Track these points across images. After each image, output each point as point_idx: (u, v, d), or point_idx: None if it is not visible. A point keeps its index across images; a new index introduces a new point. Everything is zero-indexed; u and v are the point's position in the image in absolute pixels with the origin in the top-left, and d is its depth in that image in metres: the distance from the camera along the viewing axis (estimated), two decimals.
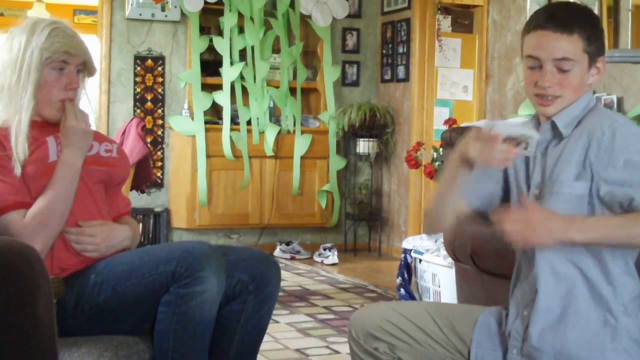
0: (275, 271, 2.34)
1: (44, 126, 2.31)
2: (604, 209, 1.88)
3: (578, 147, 1.89)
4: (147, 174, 3.85)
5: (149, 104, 6.63)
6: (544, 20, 1.92)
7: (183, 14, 6.60)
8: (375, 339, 2.03)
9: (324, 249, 6.59)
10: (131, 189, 3.76)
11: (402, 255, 4.71)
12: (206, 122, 6.57)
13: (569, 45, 1.90)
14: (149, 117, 6.59)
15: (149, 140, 6.47)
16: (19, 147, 2.22)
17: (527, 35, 1.95)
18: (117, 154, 2.44)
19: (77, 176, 2.25)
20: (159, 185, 6.68)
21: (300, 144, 6.81)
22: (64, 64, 2.29)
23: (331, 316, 4.53)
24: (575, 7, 1.97)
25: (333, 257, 6.48)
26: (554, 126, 1.95)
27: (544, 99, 1.94)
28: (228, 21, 6.61)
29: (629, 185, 1.83)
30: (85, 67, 2.35)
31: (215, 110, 6.72)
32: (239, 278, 2.25)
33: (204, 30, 6.69)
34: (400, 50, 6.93)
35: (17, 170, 2.20)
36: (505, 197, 2.06)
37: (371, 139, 6.90)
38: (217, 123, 6.64)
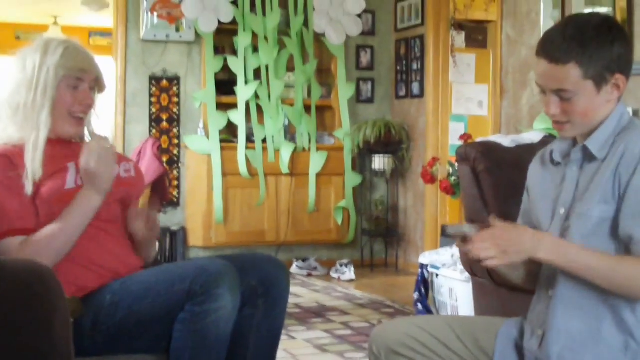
0: (283, 273, 2.34)
1: (59, 143, 2.32)
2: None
3: (611, 166, 1.83)
4: (163, 194, 3.86)
5: (164, 123, 6.66)
6: (541, 47, 1.86)
7: (197, 35, 6.63)
8: (397, 354, 2.02)
9: (341, 265, 6.58)
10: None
11: (419, 271, 4.70)
12: (221, 141, 6.58)
13: (564, 75, 1.82)
14: (164, 137, 6.62)
15: (165, 159, 6.50)
16: (35, 164, 2.22)
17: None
18: (134, 172, 2.47)
19: (91, 216, 2.21)
20: (175, 204, 6.70)
21: (316, 161, 6.82)
22: (79, 81, 2.31)
23: (348, 332, 4.52)
24: (576, 27, 1.84)
25: (350, 273, 6.47)
26: (585, 150, 1.89)
27: (556, 123, 1.91)
28: (242, 41, 6.64)
29: (633, 218, 1.79)
30: (97, 84, 2.37)
31: (230, 129, 6.74)
32: (247, 283, 2.25)
33: (218, 50, 6.72)
34: (415, 66, 6.94)
35: (29, 189, 2.20)
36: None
37: (387, 155, 6.90)
38: (232, 142, 6.66)
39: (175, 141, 6.68)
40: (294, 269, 6.67)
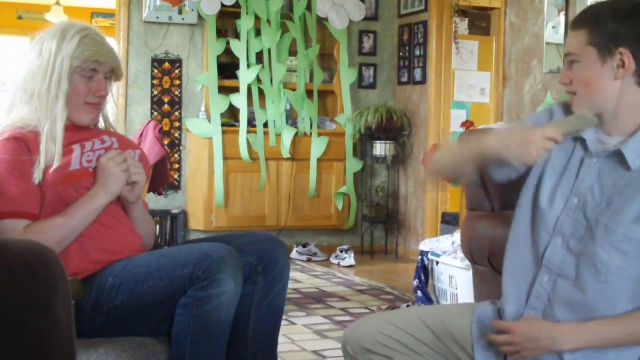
0: (282, 250, 2.34)
1: (72, 130, 2.31)
2: None
3: None
4: (164, 176, 3.85)
5: (166, 106, 6.65)
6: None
7: (200, 17, 6.61)
8: (372, 353, 2.00)
9: (341, 251, 6.59)
10: (148, 191, 3.76)
11: (419, 258, 4.70)
12: (223, 125, 6.58)
13: (574, 40, 1.87)
14: (166, 120, 6.61)
15: (166, 142, 6.50)
16: (53, 154, 2.21)
17: None
18: (139, 159, 2.44)
19: (96, 213, 2.24)
20: (176, 187, 6.70)
21: (317, 146, 6.81)
22: (93, 72, 2.30)
23: (348, 318, 4.53)
24: (605, 1, 1.89)
25: (350, 259, 6.48)
26: (618, 153, 1.82)
27: (568, 94, 1.92)
28: (245, 24, 6.62)
29: None
30: (113, 74, 2.36)
31: (231, 113, 6.73)
32: (246, 261, 2.25)
33: (220, 32, 6.70)
34: (417, 52, 6.92)
35: (38, 177, 2.20)
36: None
37: (388, 141, 6.89)
38: (233, 125, 6.65)
39: (177, 124, 6.67)
40: (293, 254, 6.68)
